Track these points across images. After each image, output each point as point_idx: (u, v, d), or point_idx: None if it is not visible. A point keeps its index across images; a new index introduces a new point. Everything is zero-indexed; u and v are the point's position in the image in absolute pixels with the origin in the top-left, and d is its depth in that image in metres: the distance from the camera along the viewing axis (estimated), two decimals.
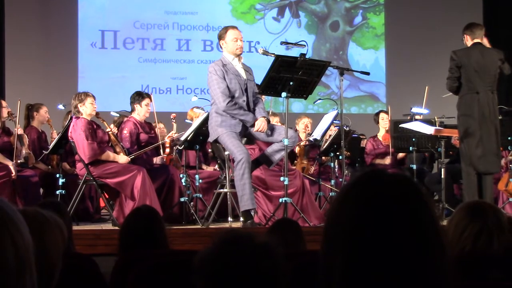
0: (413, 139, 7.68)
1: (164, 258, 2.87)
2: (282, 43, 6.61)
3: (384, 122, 8.80)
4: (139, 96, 7.25)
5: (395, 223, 1.27)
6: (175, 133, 7.53)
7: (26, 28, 10.66)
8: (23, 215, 1.27)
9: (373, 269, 1.26)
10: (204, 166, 8.03)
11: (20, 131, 7.19)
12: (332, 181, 7.85)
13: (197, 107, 7.94)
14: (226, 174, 6.44)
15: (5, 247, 1.17)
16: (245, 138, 6.28)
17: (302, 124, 8.46)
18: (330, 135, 8.09)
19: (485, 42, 6.78)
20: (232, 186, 6.15)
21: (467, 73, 6.52)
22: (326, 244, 1.34)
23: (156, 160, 7.21)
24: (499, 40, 11.92)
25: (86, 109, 6.67)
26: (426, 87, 8.11)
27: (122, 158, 6.70)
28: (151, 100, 7.31)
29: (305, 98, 6.28)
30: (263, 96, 6.80)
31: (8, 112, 7.22)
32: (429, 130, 7.18)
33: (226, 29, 6.20)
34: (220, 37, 6.20)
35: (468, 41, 6.70)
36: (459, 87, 6.62)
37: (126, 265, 2.78)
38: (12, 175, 6.69)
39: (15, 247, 1.18)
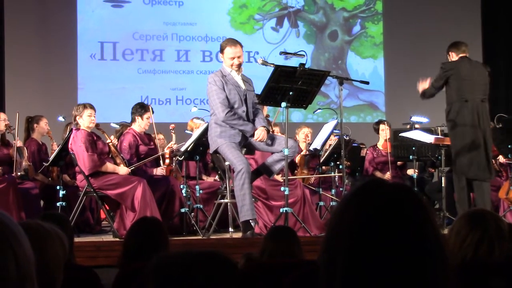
0: (413, 148, 7.68)
1: None
2: (281, 53, 6.62)
3: (384, 133, 8.78)
4: (141, 109, 7.24)
5: (395, 233, 1.27)
6: (175, 143, 7.54)
7: (25, 40, 10.68)
8: (24, 227, 1.27)
9: (374, 278, 1.26)
10: (204, 177, 8.03)
11: (19, 143, 7.19)
12: (333, 191, 7.85)
13: (197, 118, 7.95)
14: (226, 185, 6.44)
15: (7, 260, 1.18)
16: (245, 148, 6.27)
17: (302, 134, 8.45)
18: (330, 145, 8.09)
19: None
20: (233, 196, 6.14)
21: (457, 82, 6.66)
22: (327, 254, 1.34)
23: (156, 171, 7.20)
24: (497, 53, 11.98)
25: (84, 122, 6.67)
26: None
27: (123, 170, 6.70)
28: (153, 113, 7.31)
29: (305, 108, 6.28)
30: (265, 107, 6.81)
31: (6, 125, 7.22)
32: (429, 139, 7.19)
33: (226, 44, 6.17)
34: (221, 49, 6.19)
35: (454, 57, 6.88)
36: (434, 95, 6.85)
37: (128, 277, 2.77)
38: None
39: (16, 259, 1.19)
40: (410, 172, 8.56)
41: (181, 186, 7.00)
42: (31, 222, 1.88)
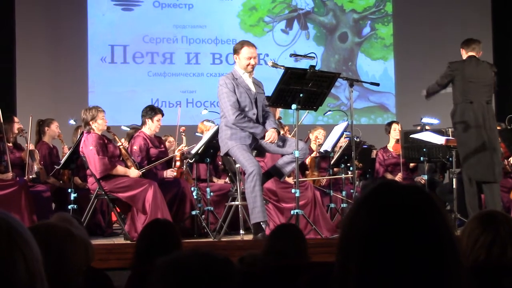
0: (424, 149, 7.66)
1: None
2: (291, 55, 6.62)
3: (396, 133, 8.77)
4: (151, 111, 7.26)
5: (409, 234, 1.27)
6: (185, 146, 7.55)
7: (36, 44, 10.72)
8: (50, 229, 1.29)
9: (388, 279, 1.25)
10: (214, 179, 8.04)
11: (31, 146, 7.22)
12: (343, 192, 7.84)
13: (208, 120, 7.96)
14: (237, 187, 6.44)
15: (16, 260, 1.20)
16: (255, 151, 6.28)
17: (318, 134, 8.43)
18: (340, 147, 8.08)
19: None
20: (243, 198, 6.15)
21: (462, 84, 6.70)
22: (341, 255, 1.34)
23: (166, 173, 7.21)
24: (508, 53, 11.92)
25: (98, 126, 6.70)
26: None
27: (133, 172, 6.71)
28: (162, 115, 7.31)
29: (315, 110, 6.28)
30: (277, 110, 6.81)
31: (18, 128, 7.26)
32: (440, 140, 7.18)
33: (242, 44, 6.16)
34: (235, 51, 6.18)
35: (464, 54, 6.92)
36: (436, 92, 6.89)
37: (140, 279, 2.78)
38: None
39: (25, 259, 1.21)
40: (417, 179, 8.55)
41: (192, 189, 7.01)
42: (58, 225, 1.90)
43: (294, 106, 5.88)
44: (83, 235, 1.96)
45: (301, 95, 5.85)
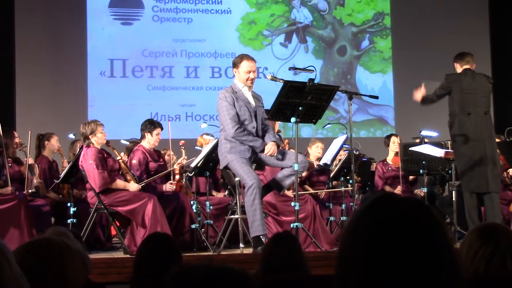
0: (423, 162, 7.66)
1: None
2: (290, 68, 6.63)
3: (395, 145, 8.77)
4: (151, 125, 7.26)
5: (408, 247, 1.27)
6: (184, 159, 7.55)
7: (36, 58, 10.75)
8: (47, 243, 1.35)
9: None
10: (214, 193, 8.03)
11: (30, 161, 7.22)
12: (343, 206, 7.83)
13: (207, 134, 7.96)
14: (236, 200, 6.44)
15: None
16: (255, 164, 6.28)
17: (316, 148, 8.43)
18: (340, 160, 8.08)
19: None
20: (243, 212, 6.15)
21: (460, 95, 6.74)
22: (341, 268, 1.34)
23: (165, 187, 7.21)
24: (506, 65, 11.95)
25: (98, 140, 6.71)
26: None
27: (133, 186, 6.71)
28: (162, 129, 7.32)
29: (315, 123, 6.28)
30: (276, 123, 6.82)
31: (17, 143, 7.26)
32: (439, 152, 7.19)
33: (241, 58, 6.19)
34: (235, 64, 6.20)
35: (458, 68, 6.96)
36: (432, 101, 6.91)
37: None
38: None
39: (9, 264, 1.36)
40: (417, 192, 8.54)
41: (191, 202, 7.01)
42: (56, 239, 1.91)
43: (293, 119, 5.89)
44: (80, 248, 1.97)
45: (300, 108, 5.86)
